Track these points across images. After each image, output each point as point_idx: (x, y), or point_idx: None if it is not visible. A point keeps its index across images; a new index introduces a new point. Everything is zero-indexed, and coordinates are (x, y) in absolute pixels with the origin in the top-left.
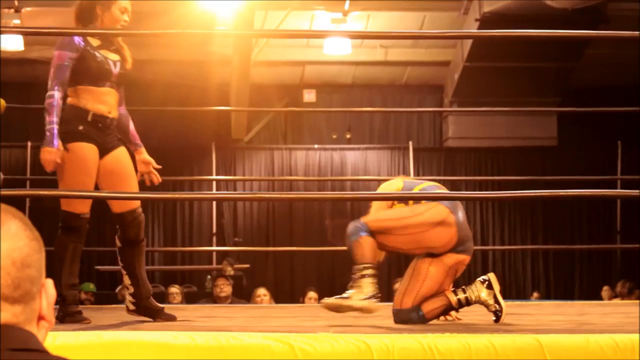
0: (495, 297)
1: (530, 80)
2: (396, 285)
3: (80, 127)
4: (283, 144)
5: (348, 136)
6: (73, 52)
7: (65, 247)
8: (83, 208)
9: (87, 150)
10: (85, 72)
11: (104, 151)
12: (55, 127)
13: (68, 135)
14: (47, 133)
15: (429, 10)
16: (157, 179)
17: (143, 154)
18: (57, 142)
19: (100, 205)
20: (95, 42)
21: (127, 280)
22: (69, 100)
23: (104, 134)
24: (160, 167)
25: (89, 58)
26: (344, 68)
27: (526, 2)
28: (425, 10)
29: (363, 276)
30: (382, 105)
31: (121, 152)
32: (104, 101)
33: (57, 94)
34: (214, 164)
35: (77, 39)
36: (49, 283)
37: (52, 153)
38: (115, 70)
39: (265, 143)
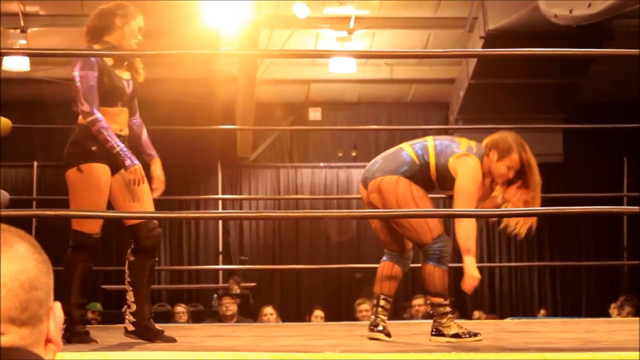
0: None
1: (535, 96)
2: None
3: (93, 148)
4: (289, 162)
5: (354, 154)
6: (95, 71)
7: (74, 267)
8: (94, 228)
9: (100, 170)
10: (100, 93)
11: (115, 168)
12: (122, 145)
13: (81, 156)
14: (122, 154)
15: (434, 27)
16: (157, 194)
17: (155, 165)
18: (135, 159)
19: (107, 224)
20: (109, 60)
21: (130, 297)
22: (81, 120)
23: None
24: (162, 187)
25: (105, 78)
26: (350, 86)
27: (531, 19)
28: (430, 28)
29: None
30: (388, 123)
31: None
32: (116, 121)
33: (100, 115)
34: (220, 182)
35: (93, 58)
36: (57, 306)
37: (138, 170)
38: (129, 89)
39: (271, 161)
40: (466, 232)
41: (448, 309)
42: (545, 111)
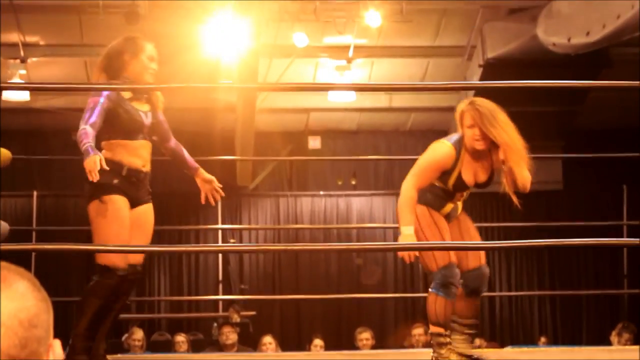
0: None
1: (534, 124)
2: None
3: (115, 181)
4: (288, 191)
5: (353, 182)
6: (105, 99)
7: (89, 302)
8: (121, 262)
9: (121, 202)
10: (118, 126)
11: (133, 204)
12: (90, 144)
13: (103, 188)
14: (85, 150)
15: (433, 56)
16: (218, 196)
17: (203, 174)
18: (94, 152)
19: None
20: (126, 94)
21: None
22: (104, 154)
23: (136, 188)
24: (221, 186)
25: (121, 111)
26: (349, 114)
27: (529, 47)
28: (429, 57)
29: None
30: (387, 151)
31: (149, 209)
32: (138, 155)
33: (88, 128)
34: (220, 211)
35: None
36: (57, 343)
37: (93, 160)
38: (147, 121)
39: (271, 190)
40: (401, 202)
41: (448, 339)
42: (544, 138)
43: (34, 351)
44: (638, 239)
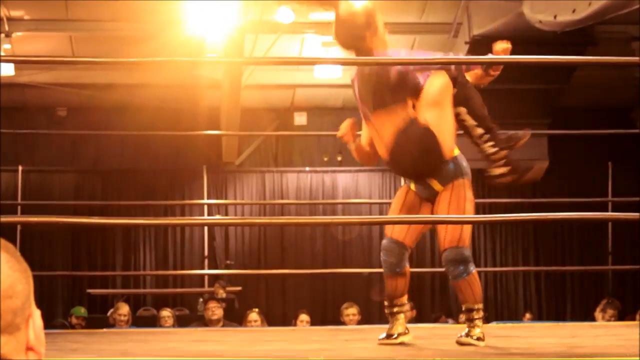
0: None
1: (520, 101)
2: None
3: None
4: (274, 167)
5: (339, 158)
6: None
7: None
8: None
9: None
10: None
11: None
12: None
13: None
14: None
15: (419, 32)
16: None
17: None
18: None
19: (90, 231)
20: None
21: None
22: None
23: None
24: None
25: None
26: (335, 91)
27: (515, 24)
28: (415, 33)
29: (479, 318)
30: None
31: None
32: None
33: None
34: (205, 187)
35: None
36: (36, 314)
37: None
38: None
39: (257, 166)
40: None
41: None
42: (530, 116)
43: (10, 322)
44: (629, 214)
